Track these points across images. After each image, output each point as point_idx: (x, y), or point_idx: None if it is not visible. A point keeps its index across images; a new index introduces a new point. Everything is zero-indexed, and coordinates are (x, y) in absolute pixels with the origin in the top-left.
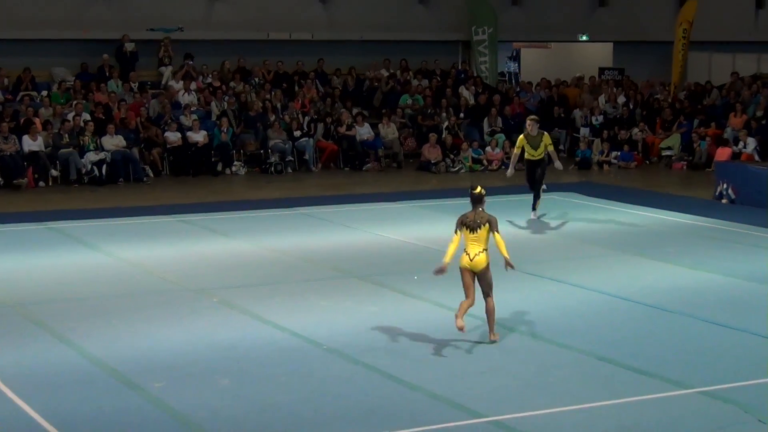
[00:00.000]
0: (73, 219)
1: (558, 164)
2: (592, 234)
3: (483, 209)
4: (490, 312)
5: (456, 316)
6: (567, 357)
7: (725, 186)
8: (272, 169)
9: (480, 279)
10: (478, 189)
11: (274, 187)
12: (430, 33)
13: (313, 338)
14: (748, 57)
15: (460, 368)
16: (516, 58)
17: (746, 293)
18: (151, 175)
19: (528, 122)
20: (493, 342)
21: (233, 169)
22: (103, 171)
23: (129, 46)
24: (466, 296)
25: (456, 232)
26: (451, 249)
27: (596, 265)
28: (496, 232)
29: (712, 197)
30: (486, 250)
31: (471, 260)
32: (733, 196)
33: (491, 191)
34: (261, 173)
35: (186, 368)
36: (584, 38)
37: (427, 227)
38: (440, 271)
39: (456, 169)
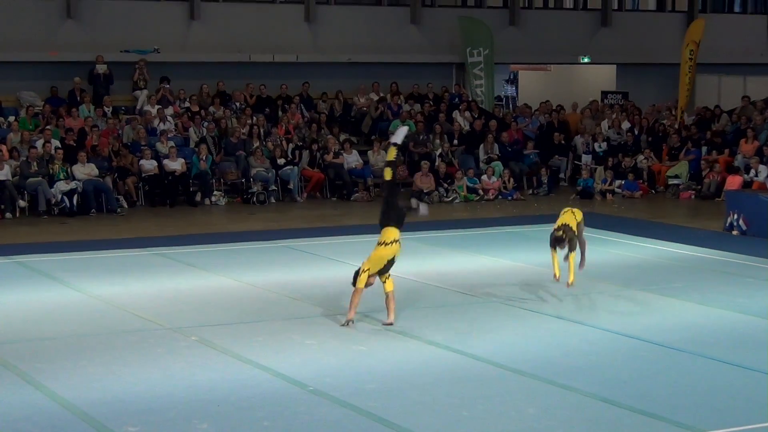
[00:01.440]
0: (42, 253)
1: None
2: (595, 268)
3: None
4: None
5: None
6: (570, 399)
7: (736, 216)
8: (254, 199)
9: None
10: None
11: (257, 218)
12: (422, 55)
13: (297, 379)
14: (760, 80)
15: (455, 412)
16: (513, 81)
17: (759, 331)
18: (126, 205)
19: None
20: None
21: (213, 199)
22: (74, 201)
23: (101, 69)
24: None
25: None
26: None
27: (599, 301)
28: None
29: (722, 228)
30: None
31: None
32: (744, 228)
33: (486, 223)
34: (242, 203)
35: (162, 412)
36: (586, 60)
37: (419, 261)
38: None
39: (450, 198)
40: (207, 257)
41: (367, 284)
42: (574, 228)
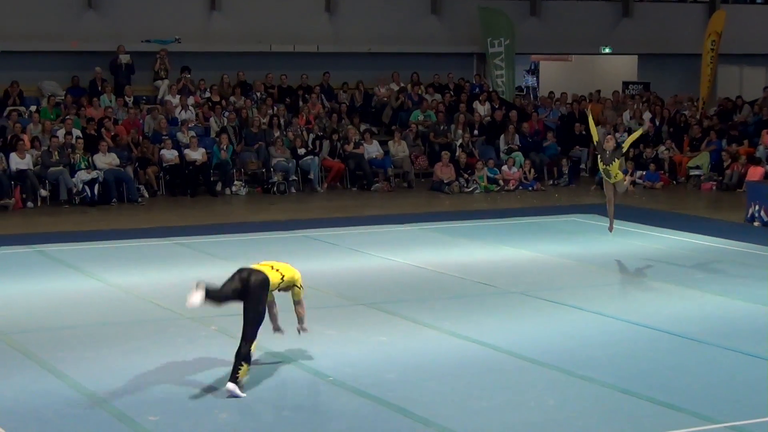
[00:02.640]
0: (63, 242)
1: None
2: (615, 259)
3: None
4: None
5: None
6: (589, 390)
7: (757, 208)
8: (275, 189)
9: None
10: None
11: (277, 208)
12: (443, 45)
13: (318, 370)
14: None
15: (474, 402)
16: (534, 71)
17: None
18: (146, 195)
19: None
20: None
21: (233, 189)
22: (95, 191)
23: (123, 59)
24: None
25: None
26: None
27: (619, 291)
28: None
29: (743, 220)
30: None
31: None
32: (765, 219)
33: (506, 213)
34: (263, 194)
35: (183, 401)
36: (607, 51)
37: (439, 251)
38: None
39: (470, 189)
40: (227, 247)
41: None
42: None
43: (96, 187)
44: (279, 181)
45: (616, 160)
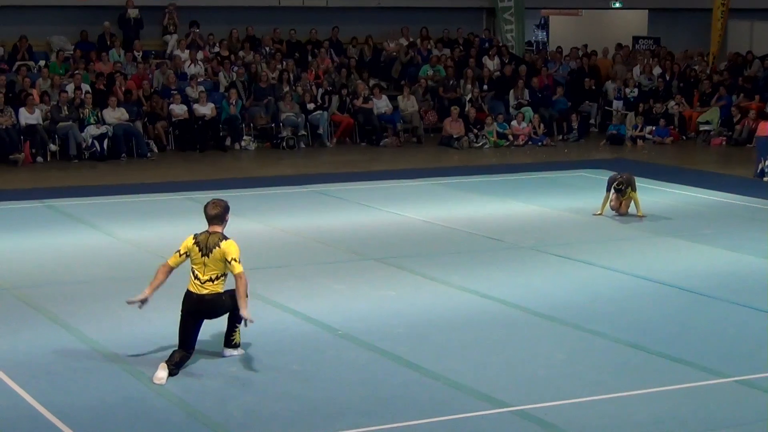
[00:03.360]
0: (73, 197)
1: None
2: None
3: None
4: None
5: None
6: (597, 344)
7: (767, 163)
8: (284, 144)
9: None
10: None
11: (286, 163)
12: None
13: (327, 324)
14: None
15: (483, 356)
16: (544, 26)
17: None
18: (156, 150)
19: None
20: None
21: (242, 144)
22: (105, 146)
23: (132, 13)
24: None
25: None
26: None
27: (628, 247)
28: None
29: (752, 175)
30: None
31: None
32: None
33: (515, 168)
34: (272, 148)
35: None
36: (617, 5)
37: (448, 206)
38: None
39: (479, 144)
40: (236, 202)
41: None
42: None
43: (105, 142)
44: (288, 136)
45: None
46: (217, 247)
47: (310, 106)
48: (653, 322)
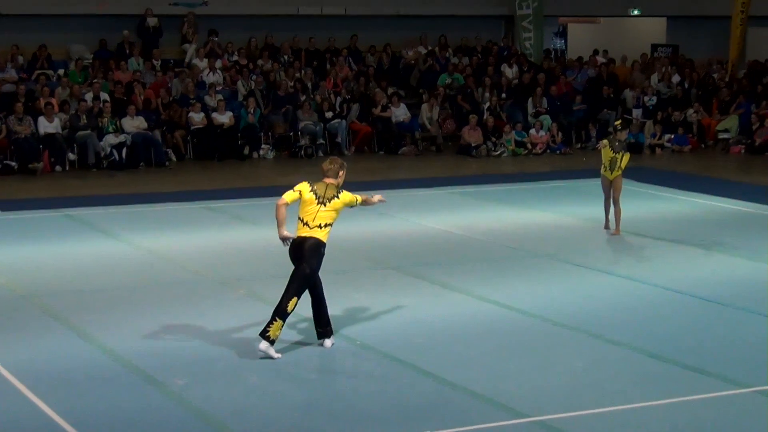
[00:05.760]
0: (92, 206)
1: None
2: (643, 223)
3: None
4: None
5: None
6: (616, 353)
7: None
8: (302, 152)
9: None
10: None
11: (305, 171)
12: (471, 7)
13: (346, 333)
14: None
15: (502, 365)
16: (563, 34)
17: None
18: (174, 158)
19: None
20: None
21: (261, 152)
22: (123, 154)
23: (151, 22)
24: None
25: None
26: None
27: (647, 255)
28: None
29: None
30: None
31: None
32: None
33: (534, 177)
34: (290, 157)
35: (210, 364)
36: (636, 13)
37: (467, 215)
38: None
39: (498, 152)
40: (255, 210)
41: None
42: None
43: (124, 150)
44: (306, 145)
45: (625, 152)
46: (335, 198)
47: (329, 114)
48: (673, 331)
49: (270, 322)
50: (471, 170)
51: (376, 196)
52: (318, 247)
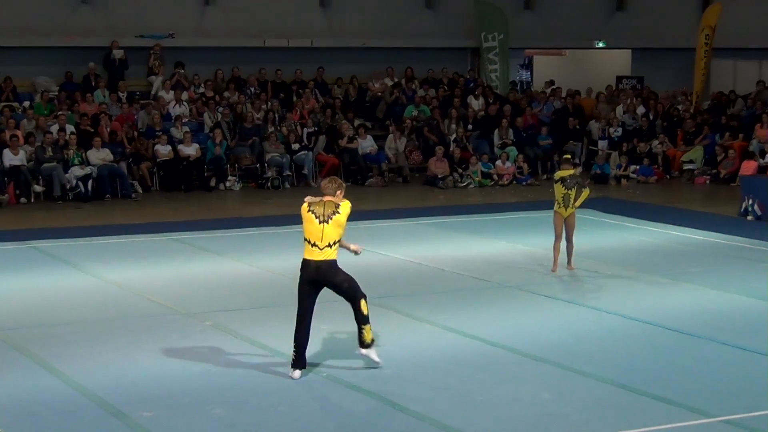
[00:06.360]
0: (57, 238)
1: None
2: (610, 253)
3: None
4: None
5: None
6: (583, 384)
7: (751, 202)
8: (269, 184)
9: None
10: None
11: (271, 203)
12: (437, 39)
13: (312, 365)
14: None
15: (469, 397)
16: (528, 66)
17: None
18: (140, 191)
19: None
20: None
21: (227, 184)
22: (89, 187)
23: (117, 54)
24: None
25: None
26: None
27: (614, 286)
28: None
29: (737, 214)
30: None
31: None
32: (759, 213)
33: (500, 208)
34: (257, 189)
35: (177, 397)
36: (601, 45)
37: (433, 246)
38: None
39: (464, 184)
40: (222, 242)
41: None
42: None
43: (90, 182)
44: (273, 176)
45: (576, 186)
46: (336, 213)
47: (295, 146)
48: (639, 361)
49: (360, 332)
50: (438, 201)
51: (354, 246)
52: (333, 266)
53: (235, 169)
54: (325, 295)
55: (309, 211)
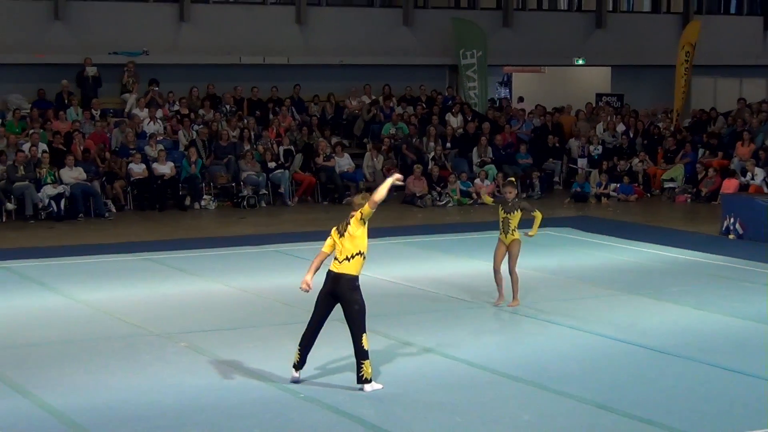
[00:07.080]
0: (29, 258)
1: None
2: (590, 272)
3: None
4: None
5: None
6: (564, 405)
7: (732, 220)
8: (245, 203)
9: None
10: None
11: (247, 222)
12: (415, 57)
13: (289, 386)
14: (756, 82)
15: (449, 418)
16: (507, 83)
17: (756, 335)
18: (114, 210)
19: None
20: None
21: (202, 203)
22: (62, 206)
23: (90, 71)
24: None
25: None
26: None
27: (594, 305)
28: None
29: (718, 232)
30: None
31: None
32: (740, 231)
33: (479, 227)
34: (233, 207)
35: (151, 420)
36: (580, 62)
37: (411, 265)
38: None
39: (443, 202)
40: (197, 262)
41: None
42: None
43: (62, 201)
44: (249, 195)
45: (518, 211)
46: (348, 225)
47: (272, 164)
48: (620, 381)
49: (359, 368)
50: (416, 220)
51: (389, 180)
52: (352, 282)
53: (210, 188)
54: (301, 315)
55: (336, 230)
